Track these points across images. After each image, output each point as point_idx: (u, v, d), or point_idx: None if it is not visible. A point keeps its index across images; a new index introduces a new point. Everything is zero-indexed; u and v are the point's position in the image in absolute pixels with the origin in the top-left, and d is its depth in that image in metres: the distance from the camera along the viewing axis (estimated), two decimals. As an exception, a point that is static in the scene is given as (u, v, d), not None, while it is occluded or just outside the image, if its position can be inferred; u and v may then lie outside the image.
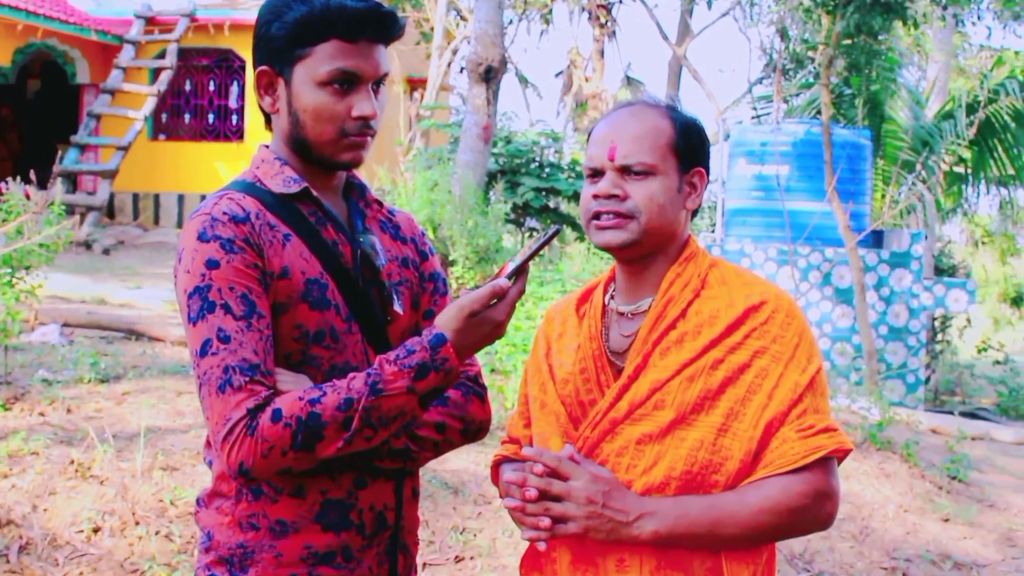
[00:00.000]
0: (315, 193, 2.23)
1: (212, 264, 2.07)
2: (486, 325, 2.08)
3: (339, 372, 2.14)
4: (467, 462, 6.48)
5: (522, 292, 2.12)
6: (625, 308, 2.30)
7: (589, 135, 2.34)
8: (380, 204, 2.43)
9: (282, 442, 1.98)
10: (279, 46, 2.18)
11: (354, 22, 2.14)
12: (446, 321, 2.07)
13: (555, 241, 16.76)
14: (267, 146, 2.31)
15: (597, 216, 2.23)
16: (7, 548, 4.80)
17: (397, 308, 2.30)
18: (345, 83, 2.16)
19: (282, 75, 2.20)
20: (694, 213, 2.34)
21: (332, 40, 2.14)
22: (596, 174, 2.25)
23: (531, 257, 2.12)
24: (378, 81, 2.21)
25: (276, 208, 2.19)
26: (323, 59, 2.15)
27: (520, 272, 2.11)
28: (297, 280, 2.14)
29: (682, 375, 2.17)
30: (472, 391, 2.36)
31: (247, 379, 2.01)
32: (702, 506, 2.11)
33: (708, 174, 2.33)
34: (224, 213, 2.11)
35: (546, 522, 2.10)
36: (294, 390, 2.04)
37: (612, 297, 2.36)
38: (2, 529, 4.92)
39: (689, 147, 2.27)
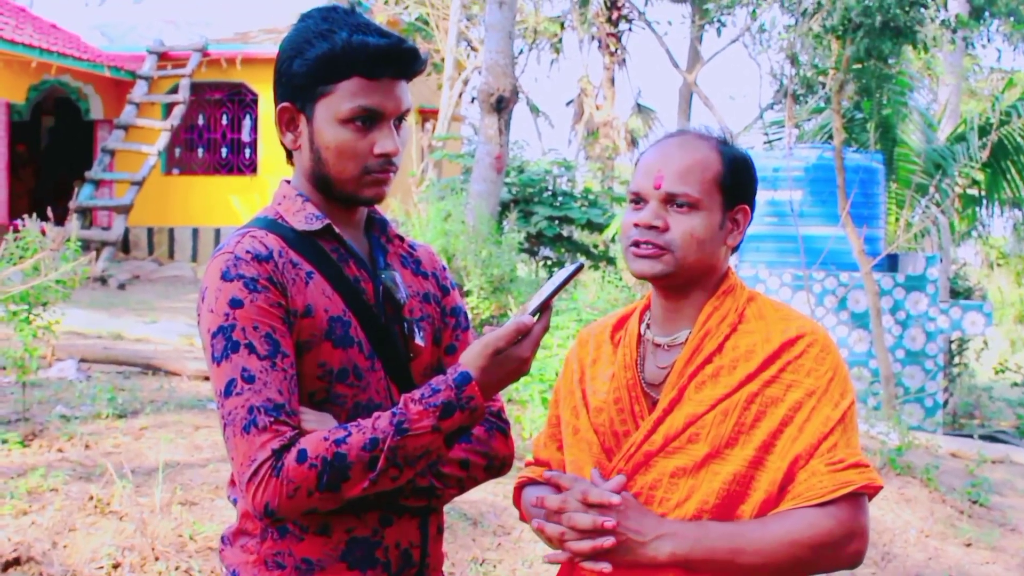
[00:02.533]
0: (337, 229, 2.23)
1: (236, 303, 2.06)
2: (511, 362, 2.07)
3: (363, 410, 2.14)
4: (486, 493, 6.46)
5: (546, 329, 2.11)
6: (661, 339, 2.29)
7: (637, 162, 2.33)
8: (401, 239, 2.43)
9: (308, 483, 1.97)
10: (301, 83, 2.18)
11: (376, 59, 2.15)
12: (471, 359, 2.06)
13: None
14: (288, 181, 2.30)
15: (636, 244, 2.22)
16: (28, 586, 4.79)
17: (419, 342, 2.29)
18: (367, 120, 2.16)
19: (304, 112, 2.20)
20: (735, 248, 2.33)
21: (354, 77, 2.14)
22: (639, 200, 2.24)
23: (555, 294, 2.11)
24: (400, 117, 2.21)
25: (298, 245, 2.18)
26: (345, 96, 2.15)
27: (544, 309, 2.11)
28: (320, 318, 2.14)
29: (717, 409, 2.16)
30: (496, 427, 2.35)
31: (272, 419, 2.00)
32: (723, 532, 2.10)
33: (753, 210, 2.32)
34: (247, 251, 2.11)
35: (610, 540, 2.09)
36: (319, 430, 2.03)
37: (648, 327, 2.35)
38: (23, 566, 4.92)
39: (736, 183, 2.25)
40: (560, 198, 16.11)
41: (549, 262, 16.16)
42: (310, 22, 2.20)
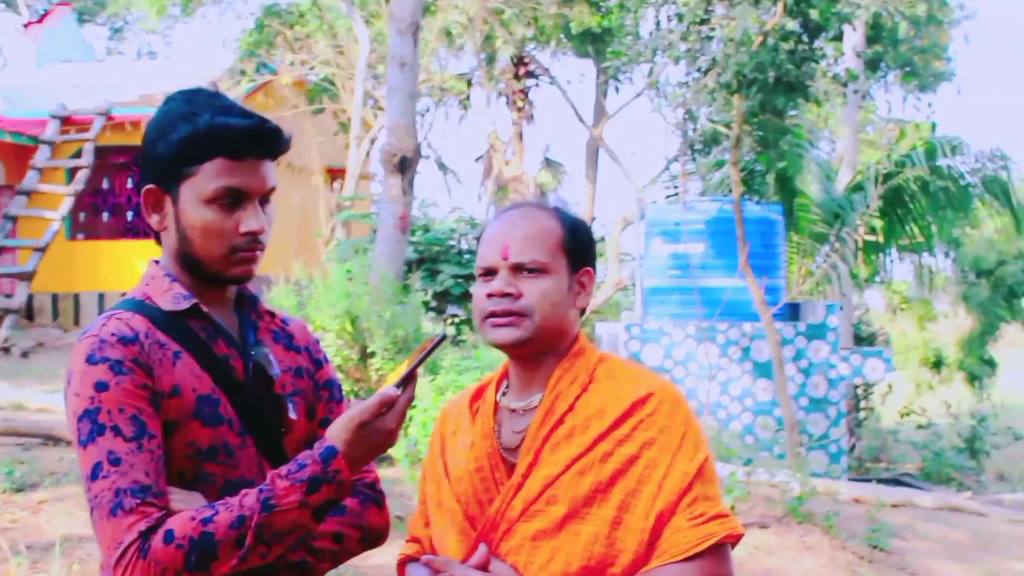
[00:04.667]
0: (205, 308, 2.25)
1: (101, 386, 2.08)
2: (377, 435, 2.10)
3: (234, 487, 2.15)
4: (389, 556, 6.42)
5: (411, 400, 2.15)
6: (516, 404, 2.34)
7: (478, 237, 2.40)
8: (272, 315, 2.45)
9: (175, 563, 1.98)
10: (165, 165, 2.21)
11: (238, 140, 2.18)
12: (336, 432, 2.09)
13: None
14: (157, 262, 2.33)
15: (492, 315, 2.27)
16: (-82, 670, 4.70)
17: (292, 416, 2.32)
18: (232, 200, 2.19)
19: (169, 193, 2.22)
20: (582, 311, 2.40)
21: (217, 158, 2.17)
22: (488, 273, 2.30)
23: (419, 365, 2.16)
24: (265, 196, 2.25)
25: (166, 326, 2.20)
26: (209, 177, 2.18)
27: (409, 380, 2.15)
28: (188, 397, 2.16)
29: (573, 469, 2.20)
30: (370, 498, 2.37)
31: (138, 501, 2.01)
32: None
33: (595, 273, 2.40)
34: (112, 334, 2.13)
35: None
36: (187, 510, 2.04)
37: (504, 394, 2.40)
38: (-87, 650, 4.82)
39: (578, 247, 2.33)
40: (466, 256, 16.19)
41: (457, 319, 16.18)
42: (174, 104, 2.24)
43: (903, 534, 8.56)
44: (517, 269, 2.27)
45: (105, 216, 20.53)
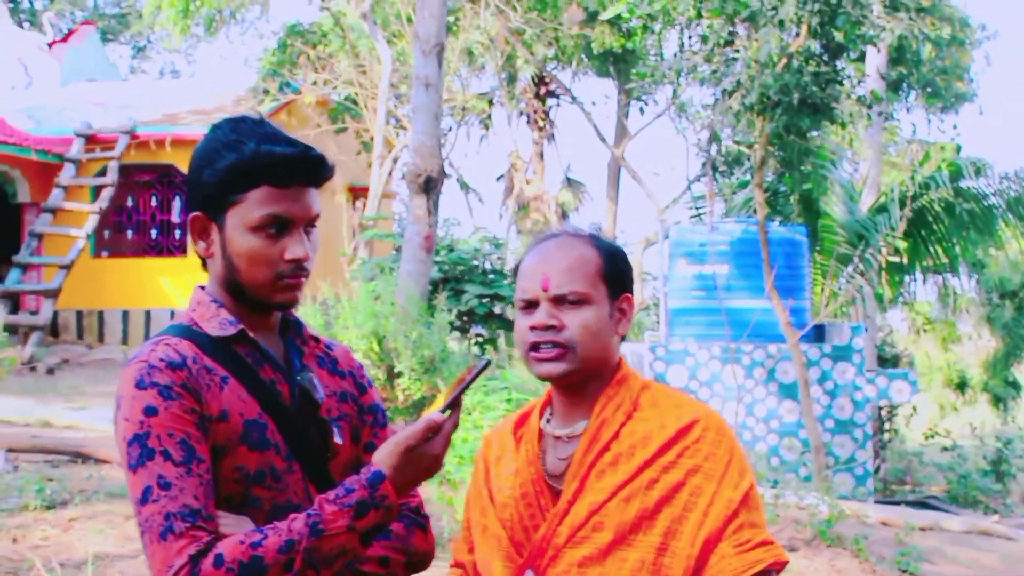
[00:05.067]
0: (251, 334, 2.27)
1: (150, 411, 2.09)
2: (423, 460, 2.11)
3: (281, 511, 2.16)
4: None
5: (456, 425, 2.16)
6: (561, 432, 2.35)
7: (516, 269, 2.40)
8: (317, 340, 2.46)
9: (225, 587, 1.99)
10: (211, 193, 2.22)
11: (284, 168, 2.20)
12: (383, 458, 2.10)
13: (502, 345, 16.81)
14: (203, 287, 2.34)
15: (535, 347, 2.28)
16: None
17: (338, 441, 2.33)
18: (277, 227, 2.21)
19: (215, 220, 2.24)
20: (623, 337, 2.40)
21: (263, 186, 2.19)
22: (529, 306, 2.31)
23: (463, 391, 2.17)
24: (310, 223, 2.27)
25: (213, 351, 2.22)
26: (254, 205, 2.19)
27: (454, 405, 2.16)
28: (236, 423, 2.17)
29: (618, 496, 2.21)
30: (414, 522, 2.38)
31: (188, 525, 2.02)
32: None
33: (633, 299, 2.41)
34: (161, 359, 2.14)
35: None
36: (236, 534, 2.05)
37: (548, 420, 2.40)
38: (-55, 668, 4.84)
39: (616, 274, 2.34)
40: (490, 275, 16.22)
41: (481, 339, 16.19)
42: (219, 132, 2.26)
43: (932, 558, 8.52)
44: (558, 301, 2.28)
45: (129, 234, 20.65)
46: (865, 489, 13.08)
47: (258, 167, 2.19)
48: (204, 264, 2.33)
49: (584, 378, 2.31)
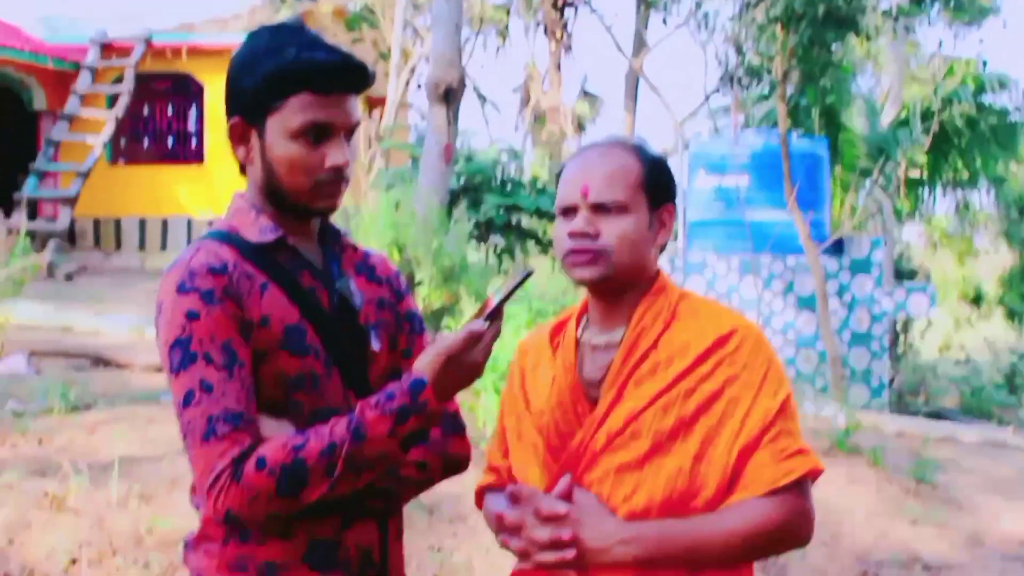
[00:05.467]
0: (291, 241, 2.27)
1: (192, 316, 2.10)
2: (464, 367, 2.12)
3: (320, 417, 2.17)
4: (460, 486, 6.50)
5: (498, 334, 2.16)
6: (598, 340, 2.36)
7: (559, 174, 2.40)
8: (355, 248, 2.47)
9: (268, 489, 2.02)
10: (251, 99, 2.21)
11: (325, 75, 2.18)
12: (425, 365, 2.11)
13: (519, 255, 16.82)
14: (241, 195, 2.34)
15: (572, 252, 2.28)
16: (-15, 585, 4.81)
17: (375, 348, 2.34)
18: (318, 134, 2.20)
19: (255, 126, 2.23)
20: (663, 248, 2.40)
21: (303, 93, 2.18)
22: (568, 211, 2.31)
23: (505, 300, 2.17)
24: (350, 130, 2.26)
25: (253, 257, 2.22)
26: (295, 112, 2.18)
27: (495, 314, 2.16)
28: (276, 328, 2.18)
29: (656, 405, 2.22)
30: (452, 428, 2.40)
31: (231, 428, 2.05)
32: (682, 530, 2.17)
33: (676, 210, 2.40)
34: (202, 265, 2.15)
35: (571, 553, 2.18)
36: (277, 437, 2.08)
37: (585, 329, 2.41)
38: (-22, 566, 4.93)
39: (658, 184, 2.33)
40: (509, 186, 16.17)
41: (499, 249, 16.21)
42: (260, 39, 2.24)
43: (947, 468, 8.58)
44: (597, 208, 2.27)
45: (146, 142, 20.61)
46: (880, 401, 13.13)
47: (299, 73, 2.17)
48: (242, 170, 2.33)
49: (620, 286, 2.31)
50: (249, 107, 2.23)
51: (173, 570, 5.12)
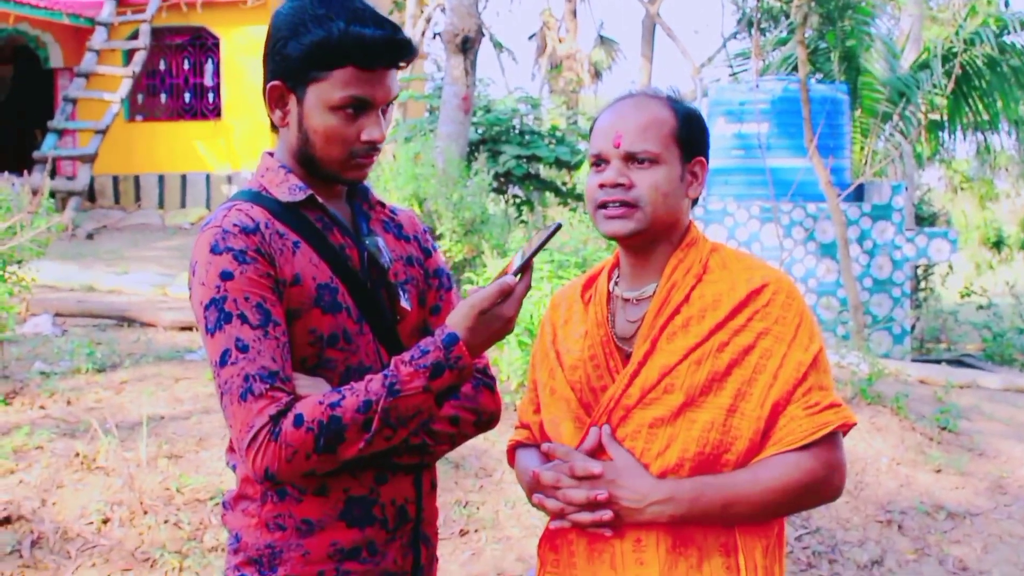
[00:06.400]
0: (320, 199, 2.28)
1: (226, 275, 2.12)
2: (496, 322, 2.13)
3: (354, 373, 2.20)
4: (485, 440, 6.53)
5: (528, 288, 2.17)
6: (630, 294, 2.36)
7: (592, 126, 2.39)
8: (383, 205, 2.48)
9: (305, 446, 2.04)
10: (294, 65, 2.21)
11: (371, 51, 2.18)
12: (457, 320, 2.12)
13: (538, 206, 16.80)
14: (271, 154, 2.35)
15: (604, 205, 2.28)
16: (19, 543, 4.87)
17: (405, 304, 2.35)
18: (357, 108, 2.20)
19: (294, 92, 2.23)
20: (695, 201, 2.40)
21: (348, 67, 2.18)
22: (600, 163, 2.31)
23: (535, 253, 2.17)
24: (387, 104, 2.26)
25: (283, 216, 2.24)
26: (337, 85, 2.18)
27: (525, 268, 2.16)
28: (308, 286, 2.20)
29: (690, 359, 2.23)
30: (482, 383, 2.42)
31: (267, 386, 2.06)
32: (716, 487, 2.18)
33: (708, 163, 2.39)
34: (234, 224, 2.16)
35: (608, 515, 2.20)
36: (313, 394, 2.09)
37: (616, 283, 2.42)
38: (13, 525, 4.99)
39: (691, 137, 2.33)
40: (527, 136, 16.11)
41: (518, 200, 16.17)
42: (306, 2, 2.22)
43: (970, 415, 8.57)
44: (629, 159, 2.27)
45: (163, 98, 20.58)
46: (902, 348, 13.11)
47: (346, 48, 2.17)
48: (275, 130, 2.33)
49: (652, 239, 2.31)
50: (291, 73, 2.22)
51: (204, 528, 5.18)
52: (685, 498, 2.18)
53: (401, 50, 2.22)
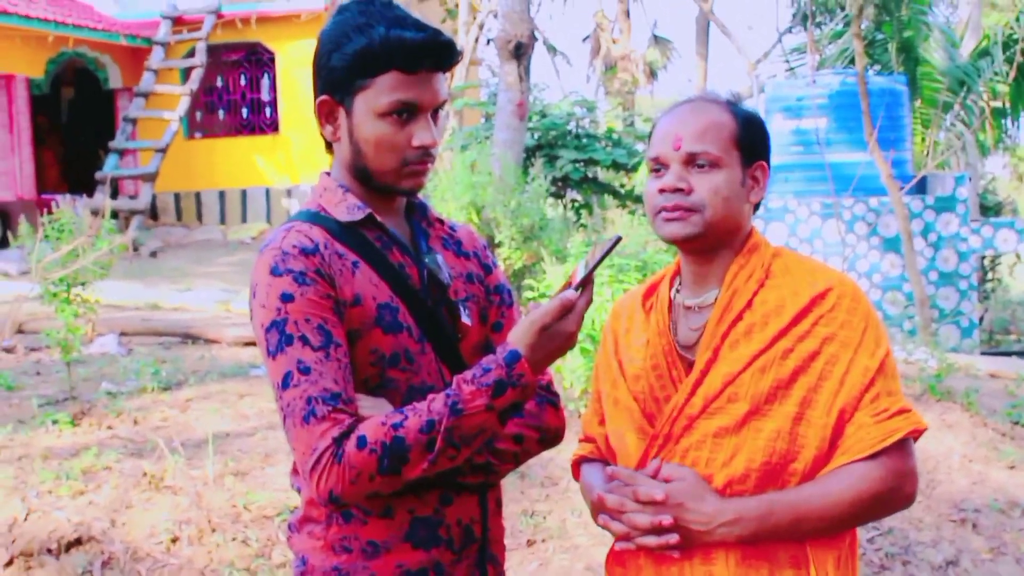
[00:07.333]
0: (379, 218, 2.27)
1: (286, 297, 2.11)
2: (558, 338, 2.10)
3: (416, 393, 2.19)
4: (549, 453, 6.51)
5: (590, 302, 2.14)
6: (692, 301, 2.32)
7: (651, 132, 2.36)
8: (441, 222, 2.46)
9: (369, 468, 2.02)
10: (339, 77, 2.20)
11: (413, 54, 2.17)
12: (519, 337, 2.10)
13: (597, 209, 16.74)
14: (328, 173, 2.34)
15: (664, 209, 2.25)
16: (90, 564, 4.90)
17: (466, 322, 2.33)
18: (405, 113, 2.19)
19: (343, 104, 2.23)
20: (756, 206, 2.36)
21: (392, 72, 2.17)
22: (660, 167, 2.28)
23: (596, 267, 2.14)
24: (437, 108, 2.25)
25: (342, 236, 2.22)
26: (383, 91, 2.18)
27: (587, 282, 2.13)
28: (369, 306, 2.18)
29: (753, 367, 2.19)
30: (546, 400, 2.39)
31: (330, 408, 2.05)
32: (784, 503, 2.14)
33: (769, 167, 2.35)
34: (294, 246, 2.15)
35: (674, 539, 2.16)
36: (376, 415, 2.08)
37: (678, 291, 2.38)
38: (84, 546, 5.03)
39: (751, 141, 2.29)
40: (584, 140, 16.06)
41: (576, 204, 16.12)
42: (348, 15, 2.22)
43: (1043, 408, 8.41)
44: (689, 162, 2.23)
45: (221, 114, 20.80)
46: (971, 341, 12.93)
47: (387, 52, 2.16)
48: (329, 147, 2.33)
49: (712, 245, 2.28)
50: (337, 85, 2.22)
51: (272, 545, 5.19)
52: (753, 517, 2.14)
53: (443, 52, 2.21)
